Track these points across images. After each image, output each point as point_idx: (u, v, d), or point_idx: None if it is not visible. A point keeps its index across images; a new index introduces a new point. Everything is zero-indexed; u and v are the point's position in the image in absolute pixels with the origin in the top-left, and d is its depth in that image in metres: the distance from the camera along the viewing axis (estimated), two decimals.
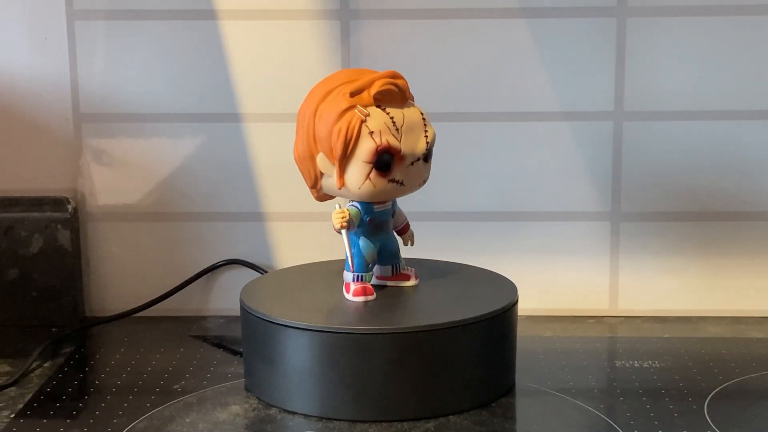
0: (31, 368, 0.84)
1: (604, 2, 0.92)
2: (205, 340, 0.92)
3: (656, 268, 0.96)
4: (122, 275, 0.97)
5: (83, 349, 0.90)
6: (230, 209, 0.97)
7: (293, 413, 0.74)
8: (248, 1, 0.93)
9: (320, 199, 0.79)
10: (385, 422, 0.72)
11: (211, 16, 0.94)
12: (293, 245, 0.97)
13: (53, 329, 0.94)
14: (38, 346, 0.87)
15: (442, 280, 0.82)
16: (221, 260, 0.97)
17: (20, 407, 0.76)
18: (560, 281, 0.96)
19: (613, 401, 0.77)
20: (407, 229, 0.82)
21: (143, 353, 0.87)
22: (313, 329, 0.72)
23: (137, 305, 0.96)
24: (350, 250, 0.76)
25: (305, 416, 0.73)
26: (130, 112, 0.95)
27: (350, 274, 0.77)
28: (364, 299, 0.76)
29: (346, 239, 0.76)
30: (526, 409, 0.76)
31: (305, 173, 0.77)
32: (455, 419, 0.73)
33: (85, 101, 0.95)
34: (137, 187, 0.96)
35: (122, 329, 0.94)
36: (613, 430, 0.72)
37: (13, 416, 0.75)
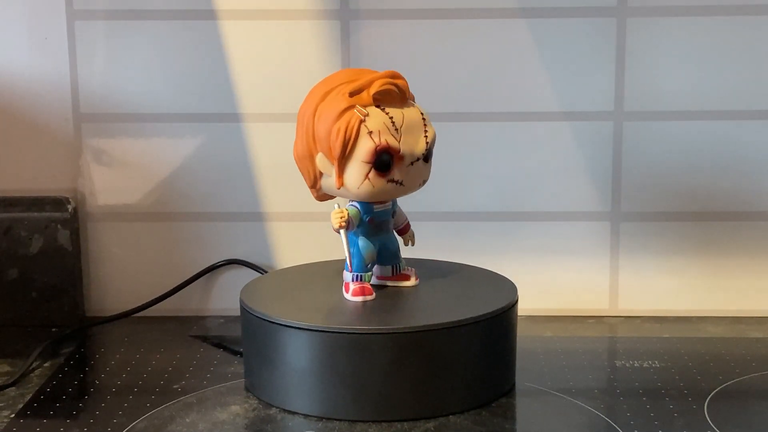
0: (31, 368, 0.84)
1: (604, 2, 0.92)
2: (205, 340, 0.92)
3: (656, 268, 0.96)
4: (122, 275, 0.97)
5: (83, 349, 0.89)
6: (230, 209, 0.97)
7: (293, 413, 0.74)
8: (248, 1, 0.93)
9: (320, 198, 0.79)
10: (385, 422, 0.72)
11: (211, 16, 0.94)
12: (293, 245, 0.97)
13: (53, 329, 0.94)
14: (38, 346, 0.87)
15: (442, 280, 0.81)
16: (221, 260, 0.97)
17: (20, 407, 0.76)
18: (560, 281, 0.96)
19: (613, 401, 0.77)
20: (408, 229, 0.82)
21: (143, 353, 0.87)
22: (312, 329, 0.72)
23: (137, 305, 0.96)
24: (349, 250, 0.76)
25: (305, 416, 0.73)
26: (130, 112, 0.95)
27: (349, 274, 0.77)
28: (362, 299, 0.76)
29: (344, 239, 0.76)
30: (526, 409, 0.76)
31: (305, 173, 0.77)
32: (455, 419, 0.73)
33: (85, 101, 0.95)
34: (137, 187, 0.96)
35: (122, 329, 0.94)
36: (613, 430, 0.72)
37: (13, 416, 0.75)
